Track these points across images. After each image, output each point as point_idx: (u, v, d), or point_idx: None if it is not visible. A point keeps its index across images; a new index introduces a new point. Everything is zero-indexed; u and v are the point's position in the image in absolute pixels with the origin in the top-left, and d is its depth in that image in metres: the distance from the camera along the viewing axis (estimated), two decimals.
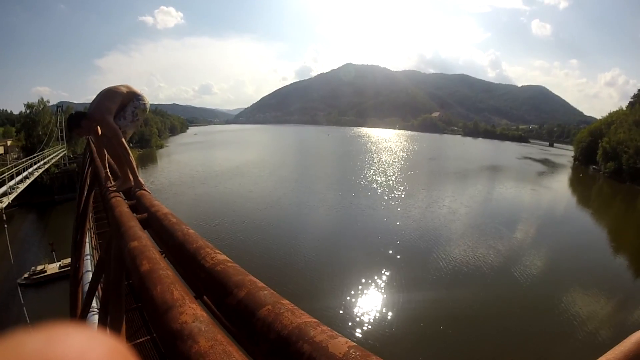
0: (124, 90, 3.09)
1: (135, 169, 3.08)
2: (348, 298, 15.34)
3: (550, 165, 70.31)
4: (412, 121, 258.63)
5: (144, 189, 2.82)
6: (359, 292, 15.92)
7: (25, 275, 17.40)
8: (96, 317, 3.30)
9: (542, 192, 42.05)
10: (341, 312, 14.35)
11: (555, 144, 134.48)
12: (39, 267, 17.65)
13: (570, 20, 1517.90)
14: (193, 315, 0.77)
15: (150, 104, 3.27)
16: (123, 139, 2.98)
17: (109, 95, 3.02)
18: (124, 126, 3.08)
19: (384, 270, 17.78)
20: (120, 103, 3.05)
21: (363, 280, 16.79)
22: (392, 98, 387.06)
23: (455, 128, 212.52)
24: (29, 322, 12.61)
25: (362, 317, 14.04)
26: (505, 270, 18.68)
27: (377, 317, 14.10)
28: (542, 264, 19.92)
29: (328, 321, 12.68)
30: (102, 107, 2.94)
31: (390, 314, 14.39)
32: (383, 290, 16.16)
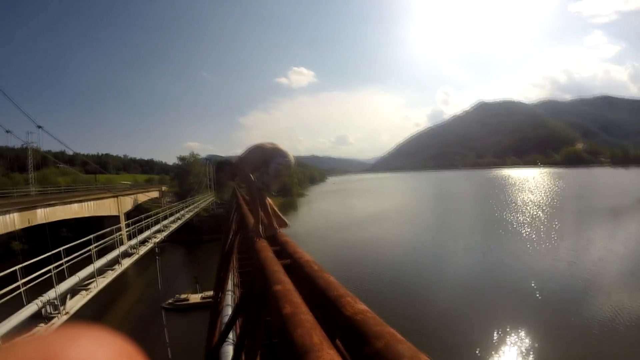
0: (269, 146, 3.48)
1: (272, 214, 3.43)
2: (492, 352, 13.55)
3: None
4: (554, 156, 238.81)
5: (279, 232, 3.20)
6: (504, 344, 14.02)
7: (170, 301, 19.56)
8: (231, 347, 3.70)
9: None
10: None
11: None
12: (183, 295, 19.89)
13: None
14: None
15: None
16: (255, 187, 3.34)
17: (253, 148, 3.51)
18: (267, 181, 3.43)
19: (535, 320, 15.48)
20: (261, 156, 3.44)
21: (510, 332, 14.73)
22: (530, 133, 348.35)
23: (603, 159, 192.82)
24: (167, 341, 14.35)
25: None
26: None
27: None
28: None
29: None
30: (243, 157, 3.45)
31: None
32: (532, 342, 13.96)
